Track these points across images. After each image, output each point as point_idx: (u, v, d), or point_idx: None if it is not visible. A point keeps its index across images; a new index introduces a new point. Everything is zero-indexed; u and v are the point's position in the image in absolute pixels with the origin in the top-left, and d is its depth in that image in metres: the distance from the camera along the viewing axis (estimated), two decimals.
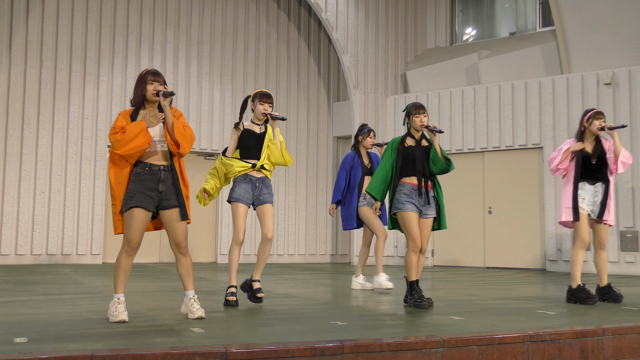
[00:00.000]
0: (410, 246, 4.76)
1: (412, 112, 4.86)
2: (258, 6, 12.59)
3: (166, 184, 3.90)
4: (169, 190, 3.91)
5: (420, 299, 4.67)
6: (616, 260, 9.71)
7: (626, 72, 9.91)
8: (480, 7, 12.88)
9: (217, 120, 11.95)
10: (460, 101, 11.43)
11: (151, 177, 3.87)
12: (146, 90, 3.93)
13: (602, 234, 5.36)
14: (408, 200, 4.75)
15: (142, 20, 11.53)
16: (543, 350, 3.52)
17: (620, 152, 5.33)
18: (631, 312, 4.60)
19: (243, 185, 4.71)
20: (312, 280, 7.58)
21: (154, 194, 3.86)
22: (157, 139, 3.92)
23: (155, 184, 3.87)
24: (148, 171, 3.88)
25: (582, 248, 5.26)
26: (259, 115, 4.79)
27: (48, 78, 10.75)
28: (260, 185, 4.74)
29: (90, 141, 10.92)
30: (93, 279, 7.22)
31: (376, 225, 6.18)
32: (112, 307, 3.81)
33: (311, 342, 3.11)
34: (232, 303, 4.65)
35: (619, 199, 9.77)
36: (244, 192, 4.70)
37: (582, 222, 5.26)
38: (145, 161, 3.89)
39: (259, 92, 4.82)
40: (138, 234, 3.82)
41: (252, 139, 4.75)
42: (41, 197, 10.50)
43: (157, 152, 3.92)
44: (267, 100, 4.78)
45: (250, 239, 12.01)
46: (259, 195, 4.74)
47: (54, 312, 4.26)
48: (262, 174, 4.76)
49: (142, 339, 3.18)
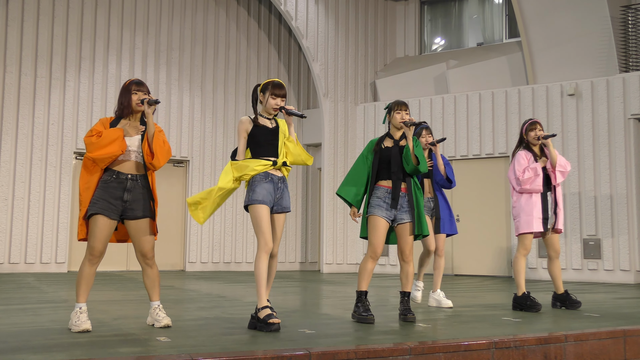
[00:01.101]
0: (368, 253, 4.42)
1: (394, 109, 4.56)
2: (228, 13, 12.56)
3: (133, 194, 3.86)
4: (135, 201, 3.86)
5: (366, 312, 4.31)
6: (579, 268, 9.92)
7: (589, 83, 10.17)
8: (448, 18, 13.08)
9: (186, 127, 11.86)
10: (429, 110, 11.57)
11: (117, 185, 3.83)
12: (131, 100, 3.92)
13: (556, 243, 5.49)
14: (379, 204, 4.45)
15: (110, 25, 11.39)
16: (508, 357, 3.58)
17: (557, 161, 5.40)
18: (592, 319, 4.71)
19: (265, 185, 4.01)
20: (280, 288, 7.55)
21: (118, 203, 3.82)
22: (133, 149, 3.90)
23: (120, 193, 3.83)
24: (115, 179, 3.84)
25: (525, 256, 5.42)
26: (270, 109, 4.14)
27: (12, 83, 10.54)
28: (282, 187, 4.09)
29: (55, 147, 10.72)
30: (57, 288, 7.07)
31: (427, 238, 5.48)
32: (74, 317, 3.74)
33: (278, 351, 3.10)
34: (275, 327, 3.79)
35: (582, 207, 9.99)
36: (267, 193, 4.00)
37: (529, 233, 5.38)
38: (114, 169, 3.85)
39: (270, 82, 4.15)
40: (101, 242, 3.77)
41: (265, 134, 4.09)
42: (4, 204, 10.26)
43: (129, 161, 3.88)
44: (280, 93, 4.12)
45: (220, 245, 11.93)
46: (280, 198, 4.08)
47: (15, 323, 4.16)
48: (281, 174, 4.12)
49: (106, 349, 3.13)
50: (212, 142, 12.07)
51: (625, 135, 9.78)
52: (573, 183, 10.06)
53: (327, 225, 11.87)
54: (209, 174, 11.96)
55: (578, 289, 7.99)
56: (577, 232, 9.99)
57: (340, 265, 11.95)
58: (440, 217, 5.57)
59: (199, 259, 11.72)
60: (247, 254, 12.19)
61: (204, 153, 11.98)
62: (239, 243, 12.13)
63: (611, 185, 9.80)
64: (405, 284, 4.49)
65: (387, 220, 4.44)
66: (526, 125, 5.53)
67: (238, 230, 12.14)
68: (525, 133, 5.53)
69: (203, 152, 11.97)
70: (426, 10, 13.27)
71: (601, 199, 9.87)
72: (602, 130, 9.95)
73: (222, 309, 5.10)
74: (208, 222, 11.84)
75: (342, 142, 12.18)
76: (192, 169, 11.85)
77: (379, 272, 11.72)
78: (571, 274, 9.97)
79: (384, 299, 6.20)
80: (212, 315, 4.63)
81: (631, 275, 9.52)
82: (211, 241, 11.86)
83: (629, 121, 9.81)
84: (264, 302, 3.88)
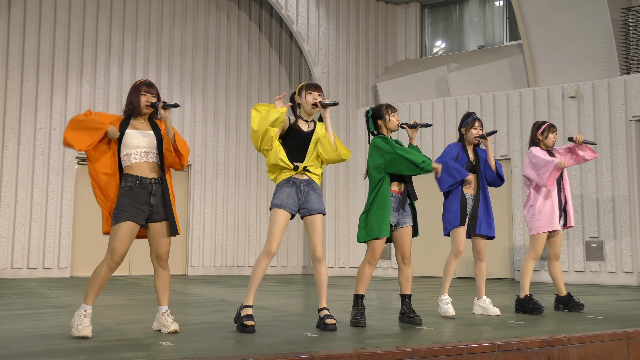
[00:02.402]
0: (367, 257, 4.41)
1: (389, 113, 4.51)
2: (229, 17, 12.59)
3: (157, 197, 3.85)
4: (159, 204, 3.86)
5: (359, 316, 4.29)
6: (582, 270, 9.90)
7: (590, 85, 10.17)
8: (449, 21, 13.10)
9: (187, 131, 11.88)
10: (430, 113, 11.58)
11: (142, 191, 3.81)
12: (140, 101, 3.89)
13: (558, 245, 5.48)
14: None
15: (111, 31, 11.43)
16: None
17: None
18: (595, 321, 4.70)
19: (286, 189, 4.07)
20: (283, 292, 7.55)
21: (145, 207, 3.80)
22: (146, 150, 3.87)
23: (147, 197, 3.81)
24: (139, 184, 3.80)
25: (535, 260, 5.38)
26: (309, 108, 4.17)
27: (14, 88, 10.57)
28: (307, 189, 4.11)
29: (57, 153, 10.74)
30: (60, 293, 7.08)
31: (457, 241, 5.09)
32: (78, 319, 3.66)
33: (281, 354, 3.10)
34: (249, 329, 3.90)
35: (584, 210, 9.99)
36: (287, 197, 4.05)
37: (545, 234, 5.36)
38: (136, 174, 3.82)
39: (305, 83, 4.25)
40: (124, 245, 3.71)
41: (298, 139, 4.13)
42: (6, 209, 10.28)
43: (148, 163, 3.86)
44: (316, 89, 4.18)
45: (222, 249, 11.93)
46: (305, 201, 4.10)
47: (18, 328, 4.17)
48: (307, 176, 4.14)
49: (109, 354, 3.14)
50: (214, 146, 12.09)
51: (626, 137, 9.77)
52: (575, 185, 10.06)
53: (329, 229, 11.87)
54: (211, 178, 11.98)
55: (581, 291, 7.97)
56: (579, 234, 9.98)
57: (342, 269, 11.95)
58: (477, 216, 5.06)
59: (201, 263, 11.73)
60: (249, 258, 12.19)
61: (205, 157, 11.99)
62: (241, 247, 12.13)
63: (613, 187, 9.79)
64: (405, 287, 4.49)
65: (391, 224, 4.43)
66: (544, 126, 5.48)
67: (240, 234, 12.14)
68: (543, 134, 5.48)
69: (205, 156, 11.99)
70: (427, 13, 13.29)
71: (603, 201, 9.86)
72: (604, 132, 9.95)
73: (225, 314, 5.10)
74: (210, 226, 11.86)
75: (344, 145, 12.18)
76: (194, 173, 11.87)
77: (381, 275, 11.71)
78: (574, 276, 9.96)
79: (387, 302, 6.20)
80: (215, 320, 4.64)
81: (634, 277, 9.50)
82: (213, 245, 11.87)
83: (631, 123, 9.81)
84: (250, 301, 4.01)
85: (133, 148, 3.84)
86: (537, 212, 5.35)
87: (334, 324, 4.02)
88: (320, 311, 4.10)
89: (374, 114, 4.59)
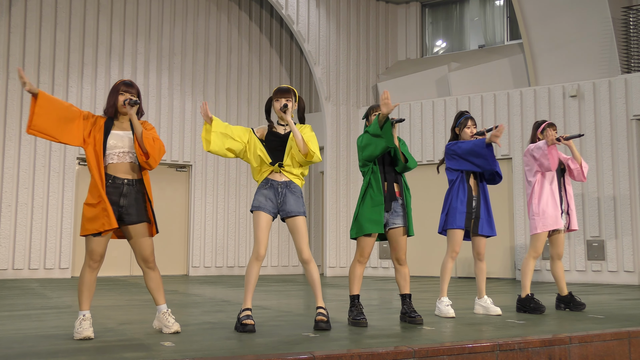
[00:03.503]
0: (357, 257, 4.44)
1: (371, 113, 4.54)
2: (229, 18, 12.59)
3: (128, 199, 3.80)
4: (132, 205, 3.81)
5: (359, 315, 4.32)
6: (583, 269, 9.89)
7: (590, 84, 10.16)
8: (449, 20, 13.09)
9: (188, 131, 11.88)
10: (431, 112, 11.57)
11: (113, 191, 3.78)
12: (117, 100, 3.87)
13: (561, 245, 5.48)
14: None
15: (112, 31, 11.43)
16: (512, 359, 3.57)
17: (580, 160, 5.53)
18: (597, 320, 4.70)
19: (264, 191, 4.15)
20: (283, 292, 7.55)
21: (114, 208, 3.75)
22: (126, 150, 3.84)
23: (117, 198, 3.78)
24: (111, 184, 3.78)
25: (535, 259, 5.39)
26: (278, 113, 4.23)
27: (15, 89, 10.57)
28: (284, 191, 4.14)
29: (58, 153, 10.75)
30: (61, 294, 7.09)
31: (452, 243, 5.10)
32: (77, 325, 3.70)
33: (282, 354, 3.10)
34: (249, 328, 3.96)
35: (585, 209, 9.98)
36: (264, 199, 4.13)
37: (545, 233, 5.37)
38: (110, 173, 3.80)
39: (275, 88, 4.29)
40: (99, 245, 3.71)
41: (275, 141, 4.20)
42: (7, 210, 10.29)
43: (124, 163, 3.83)
44: (282, 95, 4.21)
45: (223, 249, 11.93)
46: (283, 203, 4.14)
47: (19, 329, 4.17)
48: (285, 178, 4.17)
49: (110, 355, 3.14)
50: None
51: (627, 136, 9.76)
52: (576, 184, 10.05)
53: (330, 229, 11.87)
54: (211, 179, 11.98)
55: (582, 291, 7.97)
56: (580, 233, 9.97)
57: (343, 269, 11.94)
58: (480, 216, 5.06)
59: (202, 264, 11.73)
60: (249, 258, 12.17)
61: (206, 158, 11.99)
62: (242, 247, 12.14)
63: (614, 186, 9.79)
64: (404, 286, 4.49)
65: None
66: (544, 125, 5.47)
67: (241, 234, 12.14)
68: (542, 133, 5.46)
69: (206, 157, 11.99)
70: (427, 13, 13.29)
71: (604, 200, 9.85)
72: (605, 131, 9.94)
73: (226, 314, 5.10)
74: (211, 226, 11.86)
75: (345, 145, 12.19)
76: (195, 174, 11.87)
77: (382, 275, 11.71)
78: (575, 276, 9.95)
79: (387, 302, 6.20)
80: (216, 320, 4.64)
81: (635, 277, 9.49)
82: (214, 246, 11.87)
83: (632, 122, 9.80)
84: (247, 304, 4.08)
85: (111, 149, 3.81)
86: (538, 212, 5.35)
87: (325, 321, 4.05)
88: (317, 309, 4.15)
89: (365, 116, 4.65)
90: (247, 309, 4.06)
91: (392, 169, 4.49)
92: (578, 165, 5.52)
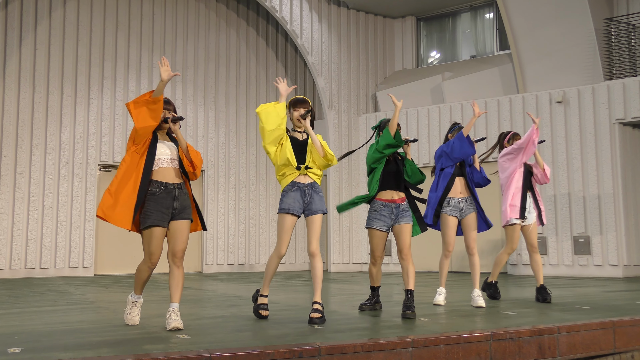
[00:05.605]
0: (370, 260, 4.71)
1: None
2: (238, 33, 12.63)
3: (180, 201, 3.89)
4: (182, 207, 3.90)
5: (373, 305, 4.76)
6: (570, 264, 9.86)
7: (575, 91, 10.15)
8: (443, 33, 13.10)
9: (201, 139, 11.91)
10: (426, 119, 11.57)
11: (167, 196, 3.86)
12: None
13: (534, 236, 5.56)
14: (376, 217, 4.54)
15: (129, 47, 11.47)
16: (504, 348, 3.57)
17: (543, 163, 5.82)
18: (583, 311, 4.69)
19: (291, 194, 4.16)
20: (291, 287, 7.56)
21: (168, 211, 3.85)
22: (171, 157, 3.93)
23: (170, 202, 3.86)
24: (164, 190, 3.85)
25: (509, 254, 5.59)
26: (297, 122, 4.30)
27: (40, 102, 10.62)
28: (310, 192, 4.17)
29: (81, 160, 10.79)
30: (84, 290, 7.11)
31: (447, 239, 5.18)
32: (129, 309, 4.02)
33: (290, 345, 3.11)
34: (261, 316, 4.21)
35: (571, 207, 9.95)
36: (293, 202, 4.13)
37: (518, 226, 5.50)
38: (161, 180, 3.87)
39: (292, 99, 4.35)
40: (158, 248, 3.84)
41: (296, 145, 4.23)
42: (34, 213, 10.33)
43: (171, 169, 3.91)
44: (302, 105, 4.29)
45: (235, 248, 11.95)
46: (309, 203, 4.17)
47: (47, 323, 4.19)
48: (310, 179, 4.21)
49: (131, 347, 3.15)
50: (226, 153, 12.12)
51: (610, 139, 9.74)
52: (563, 184, 10.03)
53: (333, 229, 11.88)
54: (223, 182, 12.01)
55: (569, 284, 7.95)
56: (567, 230, 9.95)
57: (346, 265, 11.95)
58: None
59: (215, 261, 11.74)
60: (260, 256, 12.20)
61: (218, 163, 12.02)
62: (252, 246, 12.15)
63: (599, 185, 9.76)
64: (406, 282, 4.43)
65: (384, 231, 4.56)
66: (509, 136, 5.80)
67: (251, 233, 12.16)
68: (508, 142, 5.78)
69: (217, 162, 12.02)
70: (422, 26, 13.30)
71: (589, 198, 9.82)
72: (589, 134, 9.92)
73: (238, 308, 5.11)
74: (223, 226, 11.88)
75: (347, 149, 12.19)
76: (208, 178, 11.90)
77: (383, 270, 11.70)
78: (563, 270, 9.92)
79: (389, 295, 6.20)
80: (229, 314, 4.65)
81: (619, 270, 9.46)
82: (226, 244, 11.88)
83: (614, 126, 9.77)
84: (266, 291, 4.30)
85: (161, 155, 3.91)
86: (508, 205, 5.50)
87: (318, 317, 3.99)
88: (313, 304, 4.10)
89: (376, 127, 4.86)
90: (264, 295, 4.30)
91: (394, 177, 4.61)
92: (541, 170, 5.75)
